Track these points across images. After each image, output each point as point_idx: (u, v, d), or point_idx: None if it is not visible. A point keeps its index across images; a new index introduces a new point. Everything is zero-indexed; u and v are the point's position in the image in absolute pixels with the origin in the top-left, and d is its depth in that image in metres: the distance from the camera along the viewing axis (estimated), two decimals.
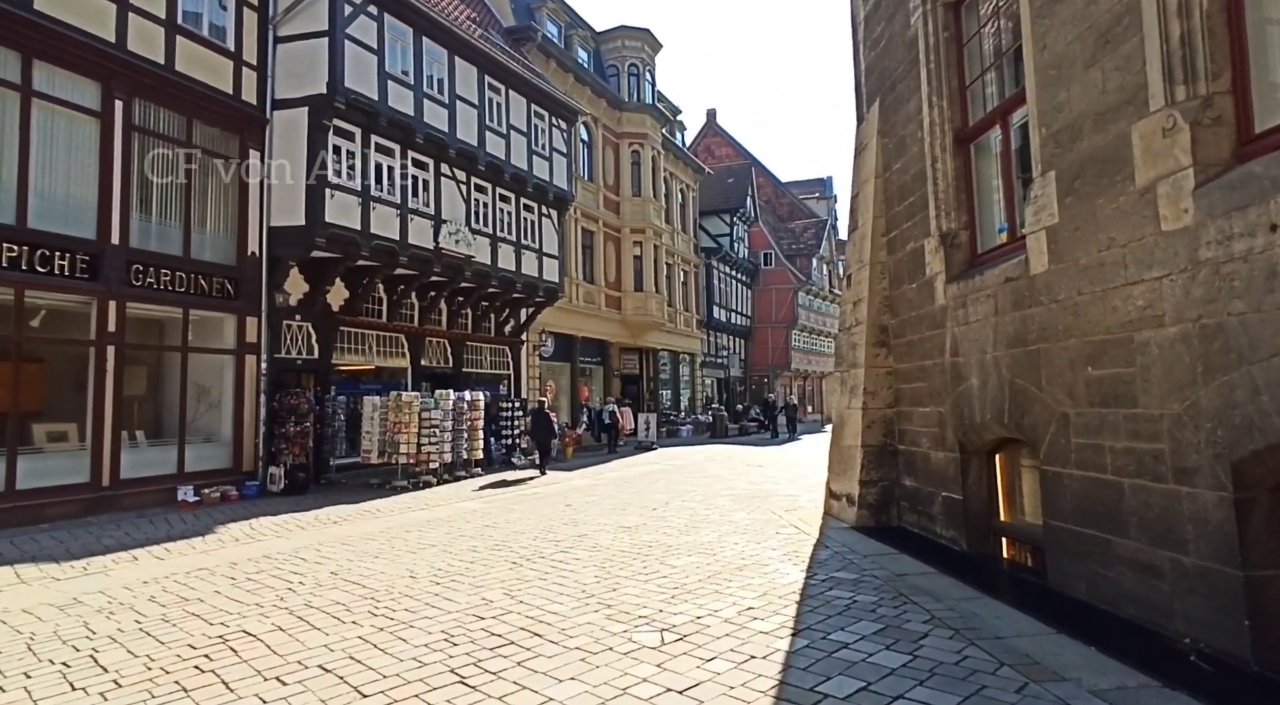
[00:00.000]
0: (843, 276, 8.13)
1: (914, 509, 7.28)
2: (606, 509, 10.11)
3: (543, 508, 10.44)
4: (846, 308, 8.60)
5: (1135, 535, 4.09)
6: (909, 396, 7.39)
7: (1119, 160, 4.18)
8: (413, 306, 16.25)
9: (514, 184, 17.76)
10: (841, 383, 8.53)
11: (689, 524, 8.49)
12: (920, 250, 7.01)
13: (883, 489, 7.70)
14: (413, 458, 12.92)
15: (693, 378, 33.16)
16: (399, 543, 7.86)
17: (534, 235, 18.79)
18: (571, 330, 22.78)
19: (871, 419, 7.77)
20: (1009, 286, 5.36)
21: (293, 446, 11.87)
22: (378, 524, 9.30)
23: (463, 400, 14.33)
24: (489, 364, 18.91)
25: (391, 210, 14.04)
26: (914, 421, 7.26)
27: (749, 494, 11.22)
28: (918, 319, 7.12)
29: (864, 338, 7.92)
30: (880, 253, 7.96)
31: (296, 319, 13.12)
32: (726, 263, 36.70)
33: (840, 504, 8.18)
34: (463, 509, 10.55)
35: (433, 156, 15.22)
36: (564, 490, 12.53)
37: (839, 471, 8.30)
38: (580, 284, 23.43)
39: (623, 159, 26.10)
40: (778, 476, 13.72)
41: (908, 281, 7.37)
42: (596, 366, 25.16)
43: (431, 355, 16.81)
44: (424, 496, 11.83)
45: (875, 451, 7.74)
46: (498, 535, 8.15)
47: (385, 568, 6.53)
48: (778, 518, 8.70)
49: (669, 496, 11.25)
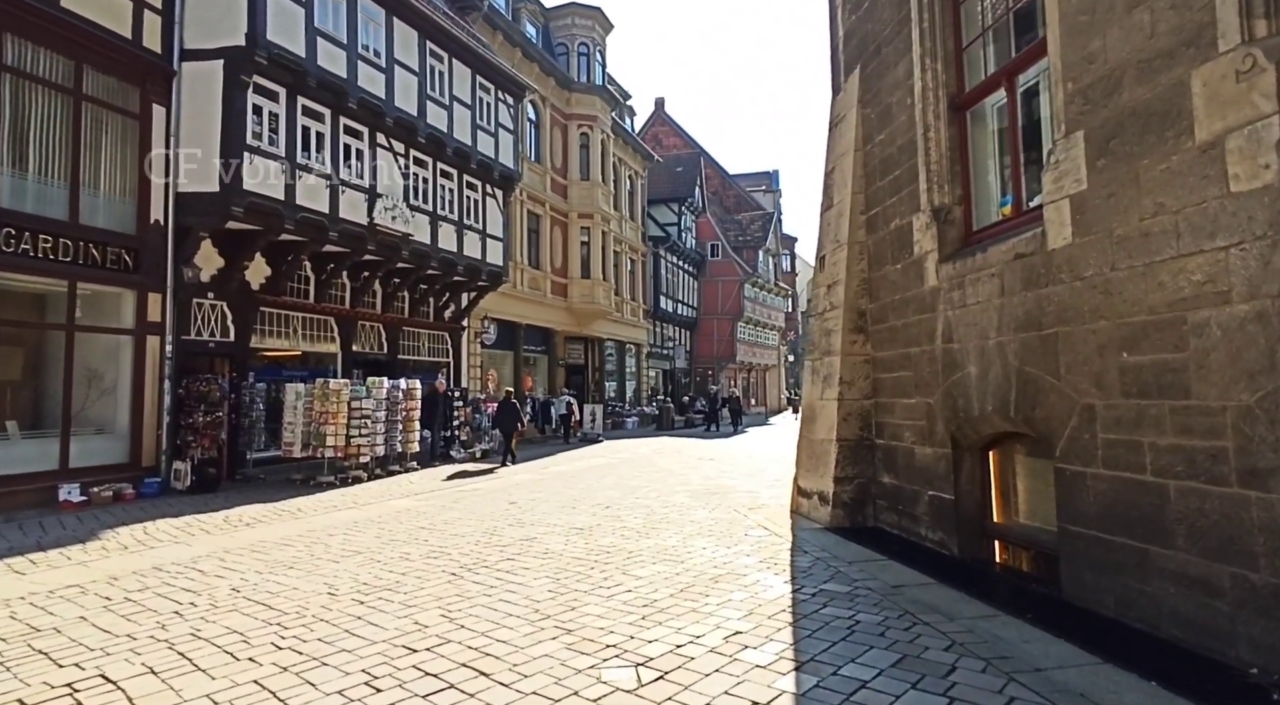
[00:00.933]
0: (817, 258, 7.51)
1: (894, 509, 6.74)
2: (555, 507, 9.30)
3: (484, 506, 9.55)
4: (820, 291, 8.01)
5: (1183, 546, 3.56)
6: (890, 387, 6.84)
7: (1171, 113, 3.62)
8: (344, 287, 14.98)
9: (457, 159, 16.63)
10: (813, 372, 7.95)
11: (647, 524, 7.77)
12: (907, 228, 6.44)
13: (859, 487, 7.15)
14: (341, 451, 11.79)
15: (639, 369, 32.50)
16: (319, 549, 6.87)
17: (477, 216, 17.69)
18: (515, 317, 21.76)
19: (848, 411, 7.20)
20: (1020, 264, 4.81)
21: (202, 439, 10.59)
22: (297, 526, 8.25)
23: (397, 389, 13.23)
24: (427, 351, 17.75)
25: (321, 181, 12.79)
26: (896, 414, 6.71)
27: (706, 490, 10.59)
28: (902, 303, 6.56)
29: (840, 323, 7.34)
30: (859, 232, 7.38)
31: (209, 297, 11.76)
32: (674, 252, 36.14)
33: (811, 502, 7.60)
34: (395, 508, 9.56)
35: (367, 124, 13.98)
36: (507, 486, 11.64)
37: (810, 468, 7.72)
38: (525, 269, 22.41)
39: (571, 141, 25.13)
40: (732, 471, 13.16)
41: (891, 262, 6.81)
42: (541, 355, 24.20)
43: (364, 340, 15.58)
44: (353, 494, 10.76)
45: (851, 446, 7.18)
46: (434, 539, 7.25)
47: (300, 582, 5.57)
48: (742, 517, 8.07)
49: (621, 492, 10.51)
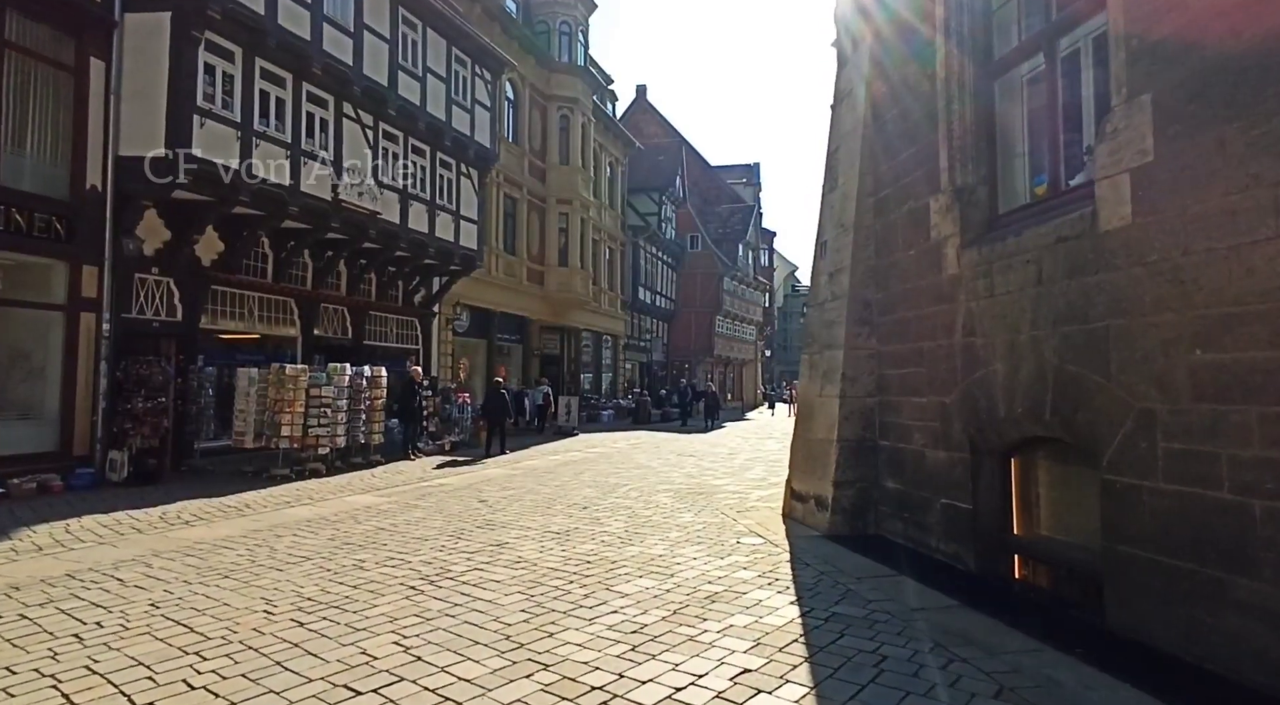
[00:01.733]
0: (818, 244, 6.89)
1: (899, 516, 6.20)
2: (528, 506, 8.64)
3: (451, 504, 8.85)
4: (820, 280, 7.43)
5: (1273, 577, 3.03)
6: (898, 384, 6.29)
7: (1275, 67, 3.07)
8: (305, 267, 14.08)
9: (430, 135, 15.76)
10: (811, 366, 7.37)
11: (630, 529, 7.14)
12: (922, 211, 5.88)
13: (860, 491, 6.60)
14: (297, 442, 10.97)
15: (615, 361, 31.85)
16: (263, 553, 6.13)
17: (451, 196, 16.85)
18: (489, 304, 20.94)
19: (850, 409, 6.64)
20: (1063, 249, 4.25)
21: (142, 426, 9.71)
22: (242, 525, 7.48)
23: (361, 376, 12.41)
24: (395, 337, 16.90)
25: (280, 150, 11.88)
26: (904, 414, 6.16)
27: (689, 489, 10.00)
28: (914, 293, 6.00)
29: (844, 314, 6.77)
30: (866, 216, 6.80)
31: (153, 273, 10.83)
32: (653, 243, 35.48)
33: (807, 507, 7.04)
34: (354, 505, 8.81)
35: (333, 93, 13.08)
36: (476, 482, 10.93)
37: (806, 469, 7.16)
38: (501, 255, 21.58)
39: (550, 123, 24.29)
40: (715, 469, 12.60)
41: (902, 248, 6.24)
42: (515, 345, 23.41)
43: (327, 324, 14.69)
44: (309, 488, 9.97)
45: (853, 447, 6.62)
46: (394, 543, 6.54)
47: (233, 595, 4.84)
48: (731, 521, 7.49)
49: (598, 491, 9.88)
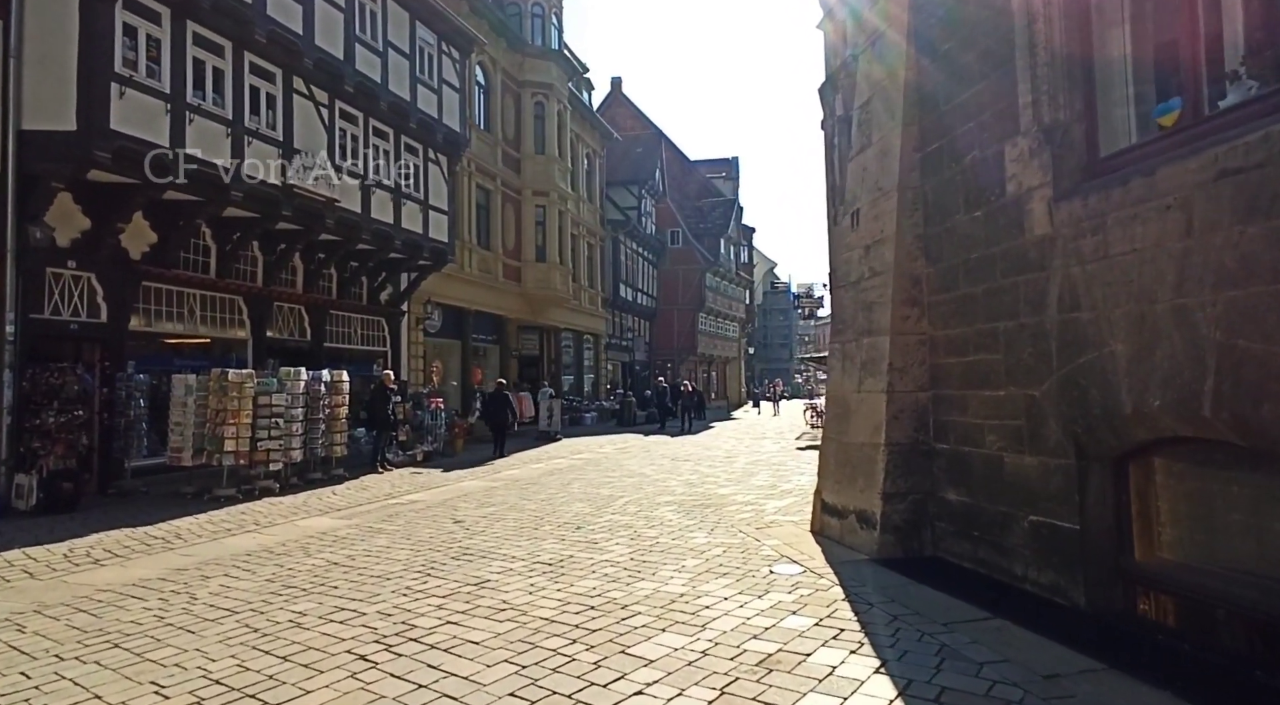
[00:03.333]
0: (844, 214, 5.73)
1: (965, 535, 5.10)
2: (511, 528, 7.42)
3: (422, 526, 7.60)
4: (852, 255, 6.32)
5: None
6: (961, 374, 5.19)
7: None
8: (255, 261, 12.68)
9: (393, 116, 14.42)
10: (844, 357, 6.26)
11: (636, 555, 5.96)
12: (991, 161, 4.78)
13: (914, 505, 5.49)
14: (243, 458, 9.61)
15: (596, 361, 30.61)
16: (178, 605, 4.85)
17: (418, 184, 15.51)
18: (463, 302, 19.61)
19: (900, 407, 5.53)
20: (1228, 184, 3.16)
21: (54, 445, 8.32)
22: (165, 563, 6.17)
23: (319, 381, 11.08)
24: (360, 338, 15.52)
25: (218, 127, 10.50)
26: (970, 410, 5.06)
27: (694, 501, 8.84)
28: (983, 263, 4.90)
29: (887, 294, 5.65)
30: (911, 175, 5.70)
31: (70, 266, 9.41)
32: (634, 238, 34.30)
33: (844, 524, 5.91)
34: (307, 530, 7.53)
35: (280, 65, 11.72)
36: (451, 498, 9.67)
37: (842, 479, 6.04)
38: (474, 249, 20.24)
39: (525, 110, 23.00)
40: (715, 475, 11.46)
41: (964, 209, 5.14)
42: (492, 345, 22.08)
43: (282, 325, 13.30)
44: (256, 511, 8.64)
45: (904, 452, 5.51)
46: (347, 584, 5.29)
47: (112, 681, 3.57)
48: (754, 541, 6.34)
49: (591, 506, 8.68)
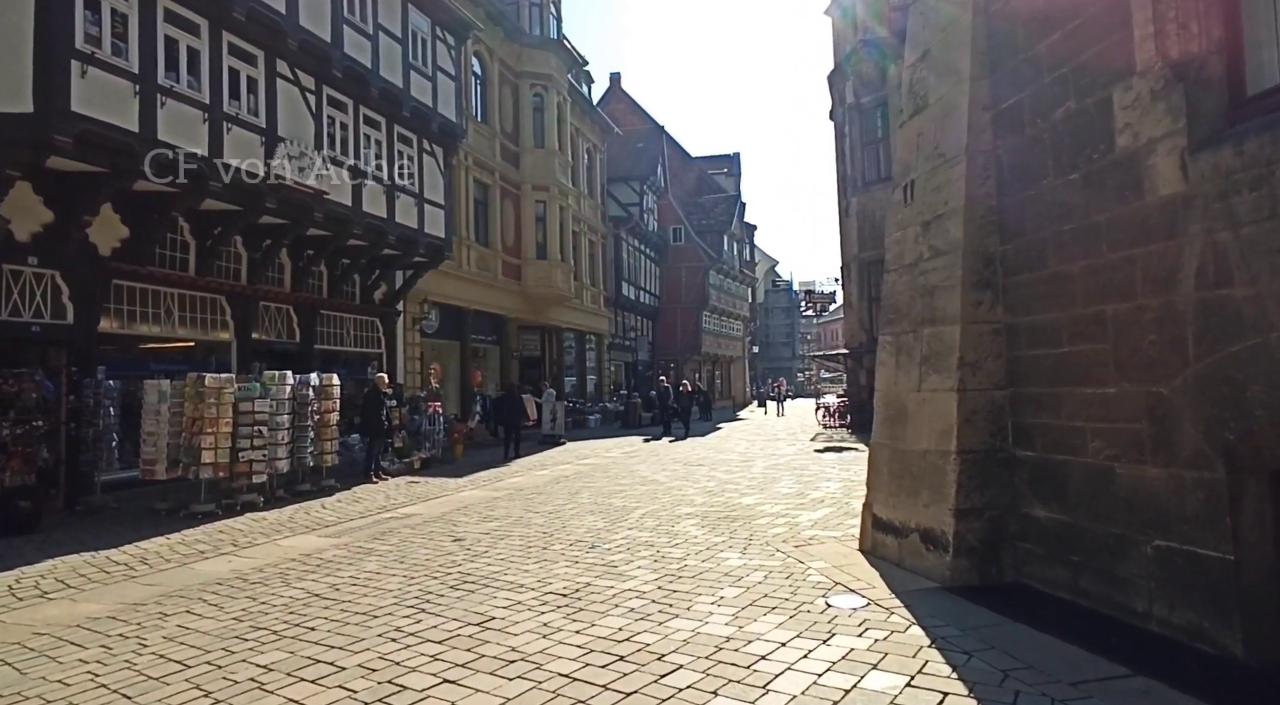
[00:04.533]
0: (896, 187, 4.87)
1: (1060, 559, 4.28)
2: (517, 548, 6.61)
3: (418, 547, 6.79)
4: (906, 233, 5.51)
5: None
6: (1050, 369, 4.38)
7: None
8: (239, 258, 11.88)
9: (385, 103, 13.62)
10: (900, 350, 5.45)
11: (663, 583, 5.14)
12: (1095, 111, 3.97)
13: (991, 523, 4.68)
14: (223, 470, 8.80)
15: (599, 361, 29.81)
16: (122, 655, 4.03)
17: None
18: (461, 301, 18.81)
19: (973, 407, 4.72)
20: None
21: (10, 459, 7.49)
22: (121, 595, 5.36)
23: (306, 385, 10.27)
24: (353, 340, 14.72)
25: (194, 112, 9.70)
26: (1065, 411, 4.25)
27: (717, 512, 8.03)
28: (1083, 234, 4.09)
29: (955, 275, 4.85)
30: (982, 136, 4.89)
31: (30, 263, 8.60)
32: (636, 235, 33.50)
33: (905, 544, 5.10)
34: (290, 552, 6.72)
35: (262, 46, 10.91)
36: (451, 511, 8.86)
37: (900, 491, 5.23)
38: (473, 246, 19.45)
39: (523, 102, 22.20)
40: (735, 482, 10.64)
41: (1053, 174, 4.33)
42: (492, 346, 21.28)
43: (269, 326, 12.50)
44: (236, 530, 7.83)
45: (979, 461, 4.70)
46: (325, 625, 4.47)
47: None
48: (797, 563, 5.53)
49: (605, 519, 7.88)
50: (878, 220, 20.75)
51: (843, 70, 22.19)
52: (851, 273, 21.30)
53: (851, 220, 21.33)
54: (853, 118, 21.66)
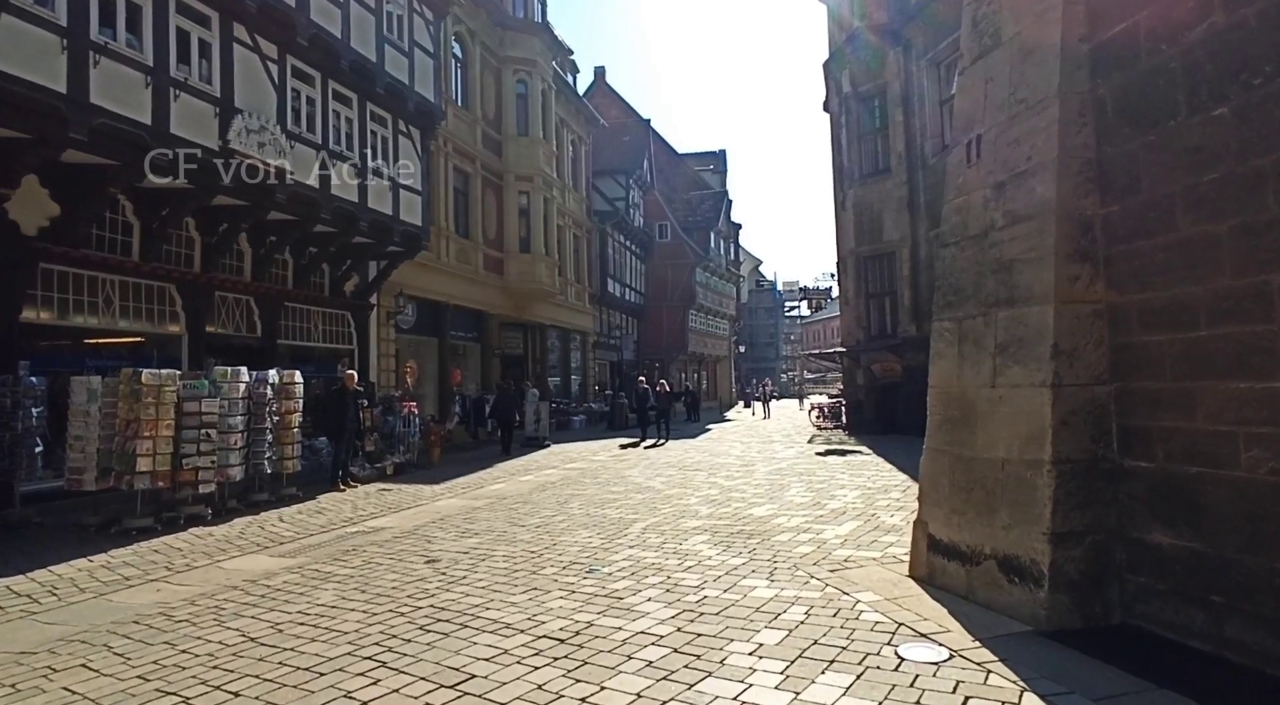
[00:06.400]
0: (956, 144, 3.91)
1: (1193, 599, 3.39)
2: (501, 572, 5.62)
3: (384, 570, 5.78)
4: (971, 198, 4.60)
5: None
6: (1179, 358, 3.49)
7: None
8: (191, 242, 10.75)
9: (356, 78, 12.53)
10: (962, 339, 4.54)
11: (684, 625, 4.18)
12: (1263, 18, 3.08)
13: (1094, 550, 3.78)
14: (163, 479, 7.70)
15: (584, 360, 28.80)
16: None
17: (387, 157, 13.63)
18: (440, 295, 17.73)
19: (1071, 407, 3.82)
20: None
21: None
22: (9, 640, 4.30)
23: (264, 383, 9.18)
24: (321, 335, 13.61)
25: (134, 74, 8.59)
26: (1201, 413, 3.36)
27: (729, 527, 7.09)
28: (1233, 184, 3.21)
29: (1047, 243, 3.94)
30: (1076, 74, 3.99)
31: None
32: (621, 230, 32.52)
33: (975, 573, 4.19)
34: (233, 577, 5.67)
35: (216, 6, 9.80)
36: (426, 523, 7.84)
37: (965, 507, 4.31)
38: (452, 237, 18.37)
39: (506, 89, 21.15)
40: (740, 489, 9.71)
41: (1185, 111, 3.43)
42: (472, 343, 20.20)
43: (226, 319, 11.37)
44: (174, 549, 6.75)
45: (1079, 473, 3.80)
46: (255, 688, 3.46)
47: None
48: (840, 594, 4.60)
49: (601, 535, 6.91)
50: (876, 213, 20.04)
51: (839, 58, 21.44)
52: (848, 268, 20.53)
53: (848, 214, 20.55)
54: (850, 108, 20.88)
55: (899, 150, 18.93)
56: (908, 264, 18.32)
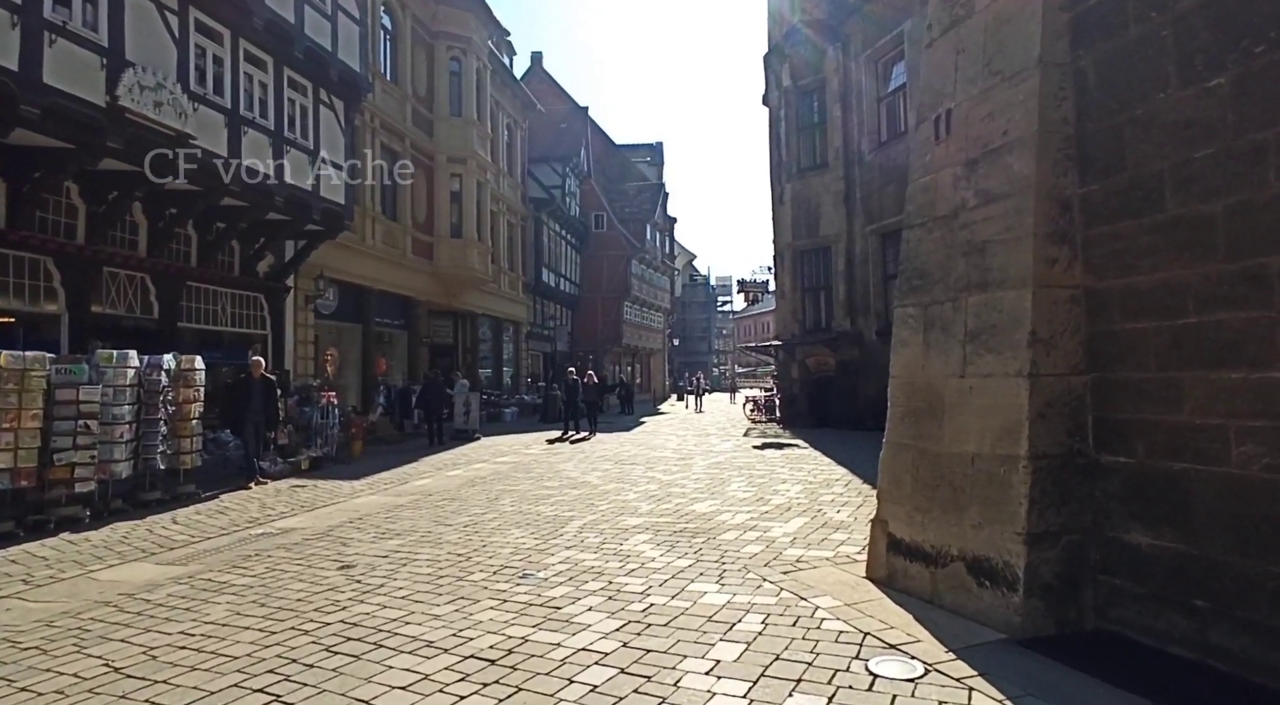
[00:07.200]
0: (923, 120, 3.60)
1: (1175, 603, 3.19)
2: (425, 578, 5.06)
3: (291, 578, 5.12)
4: (940, 177, 4.32)
5: None
6: (1166, 347, 3.28)
7: None
8: (73, 210, 9.58)
9: (272, 40, 11.50)
10: (927, 325, 4.26)
11: (630, 640, 3.75)
12: None
13: (1070, 551, 3.55)
14: (28, 477, 6.72)
15: (517, 351, 28.00)
16: None
17: (306, 129, 12.62)
18: (364, 279, 16.71)
19: (1048, 398, 3.58)
20: None
21: None
22: None
23: (157, 368, 8.23)
24: (230, 318, 12.51)
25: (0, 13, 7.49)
26: (1190, 405, 3.15)
27: (671, 524, 6.70)
28: (1234, 158, 2.99)
29: (1026, 223, 3.68)
30: (1058, 44, 3.74)
31: None
32: (557, 219, 31.76)
33: (940, 575, 3.93)
34: (105, 592, 4.89)
35: None
36: (342, 522, 7.15)
37: (930, 505, 4.04)
38: (379, 219, 17.36)
39: (438, 65, 20.15)
40: (679, 484, 9.35)
41: (1176, 84, 3.21)
42: (399, 331, 19.21)
43: (117, 298, 10.23)
44: (38, 558, 5.86)
45: (1055, 469, 3.56)
46: None
47: None
48: (795, 599, 4.27)
49: (535, 534, 6.41)
50: (814, 207, 20.10)
51: (779, 52, 21.39)
52: (785, 261, 20.54)
53: (786, 207, 20.54)
54: (789, 101, 20.86)
55: (836, 145, 19.00)
56: (843, 259, 18.43)
